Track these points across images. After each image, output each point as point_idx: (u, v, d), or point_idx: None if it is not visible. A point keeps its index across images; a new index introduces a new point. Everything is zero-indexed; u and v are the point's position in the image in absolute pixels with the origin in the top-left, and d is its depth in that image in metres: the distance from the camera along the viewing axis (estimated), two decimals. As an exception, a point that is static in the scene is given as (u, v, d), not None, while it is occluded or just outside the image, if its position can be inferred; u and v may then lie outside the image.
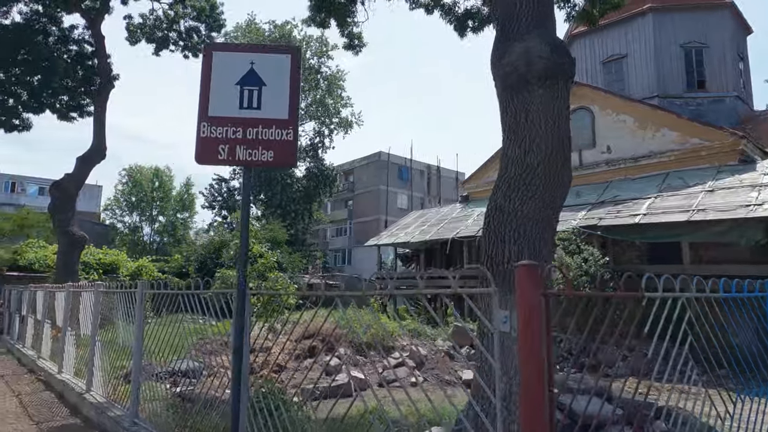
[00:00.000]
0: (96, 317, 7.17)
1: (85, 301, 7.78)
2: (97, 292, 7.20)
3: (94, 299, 7.19)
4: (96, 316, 7.17)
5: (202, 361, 9.63)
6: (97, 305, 7.17)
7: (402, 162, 51.86)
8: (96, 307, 7.18)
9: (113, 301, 6.75)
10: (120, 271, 20.75)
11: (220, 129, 2.73)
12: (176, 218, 52.39)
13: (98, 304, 7.18)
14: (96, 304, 7.17)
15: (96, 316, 7.17)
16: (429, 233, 17.55)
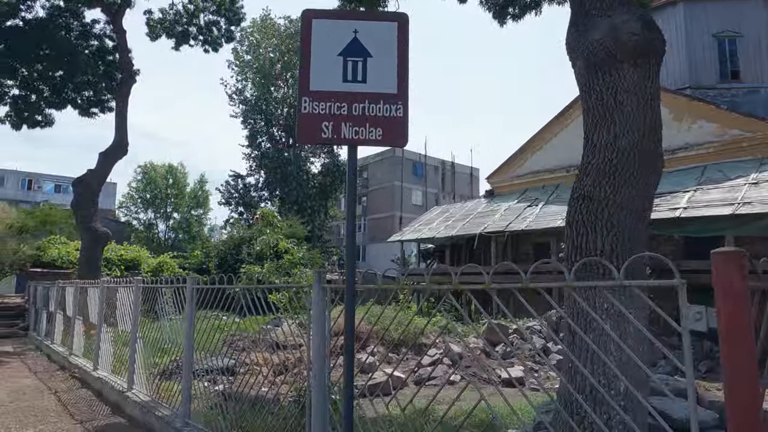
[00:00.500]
0: (136, 314, 6.97)
1: (123, 298, 7.59)
2: (137, 287, 6.99)
3: (134, 295, 6.99)
4: (136, 312, 6.97)
5: (235, 357, 9.43)
6: (137, 301, 6.97)
7: (416, 158, 51.50)
8: (136, 303, 6.97)
9: (155, 297, 6.55)
10: (141, 267, 20.67)
11: (323, 105, 2.46)
12: (190, 215, 52.52)
13: (138, 300, 6.98)
14: (136, 301, 6.97)
15: (136, 312, 6.97)
16: (454, 228, 17.24)
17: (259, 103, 36.79)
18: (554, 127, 17.89)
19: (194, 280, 5.47)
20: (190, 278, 5.45)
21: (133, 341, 6.89)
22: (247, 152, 37.83)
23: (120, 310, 7.74)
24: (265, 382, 8.75)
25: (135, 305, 6.97)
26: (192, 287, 5.37)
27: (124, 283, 7.82)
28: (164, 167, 49.56)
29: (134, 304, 6.98)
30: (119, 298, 7.76)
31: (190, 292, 5.37)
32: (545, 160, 17.85)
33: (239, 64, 38.25)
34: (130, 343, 6.94)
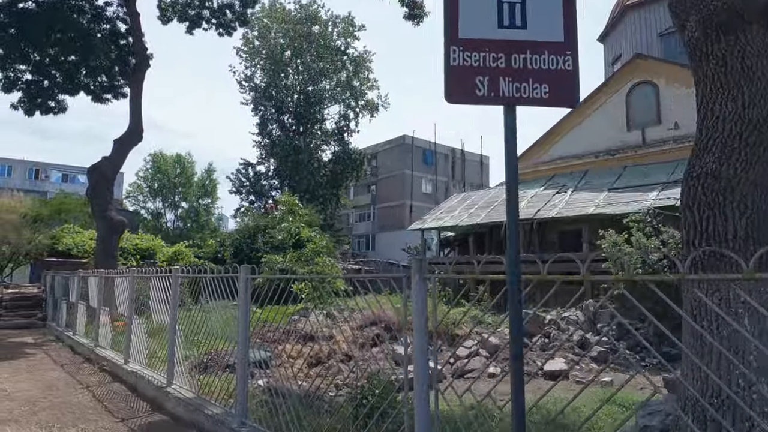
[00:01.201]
0: (175, 305, 6.59)
1: (157, 288, 7.20)
2: (176, 277, 6.60)
3: (173, 286, 6.60)
4: (175, 303, 6.59)
5: (269, 350, 9.09)
6: (176, 292, 6.59)
7: (426, 146, 50.89)
8: (175, 294, 6.59)
9: (195, 287, 6.18)
10: (157, 257, 20.33)
11: (477, 55, 2.01)
12: (198, 204, 52.19)
13: (177, 290, 6.60)
14: (175, 291, 6.58)
15: (175, 303, 6.59)
16: (479, 216, 16.79)
17: (269, 90, 36.23)
18: (582, 111, 17.33)
19: (247, 269, 5.06)
20: (244, 267, 5.04)
21: (173, 333, 6.52)
22: (258, 140, 37.37)
23: (154, 301, 7.36)
24: (310, 377, 8.40)
25: (173, 296, 6.59)
26: (246, 277, 4.96)
27: (155, 272, 7.44)
28: (173, 156, 49.14)
29: (173, 294, 6.60)
30: (153, 289, 7.38)
31: (244, 282, 4.97)
32: (572, 146, 17.34)
33: (248, 50, 37.62)
34: (168, 335, 6.56)
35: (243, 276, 4.98)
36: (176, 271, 6.67)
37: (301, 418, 4.72)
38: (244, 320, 4.94)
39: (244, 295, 4.97)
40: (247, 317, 4.97)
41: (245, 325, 4.96)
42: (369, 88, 38.95)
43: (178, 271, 6.68)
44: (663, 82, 15.29)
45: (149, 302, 7.60)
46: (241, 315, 4.97)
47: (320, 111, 38.52)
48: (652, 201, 12.56)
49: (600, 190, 14.79)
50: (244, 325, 4.95)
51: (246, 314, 4.97)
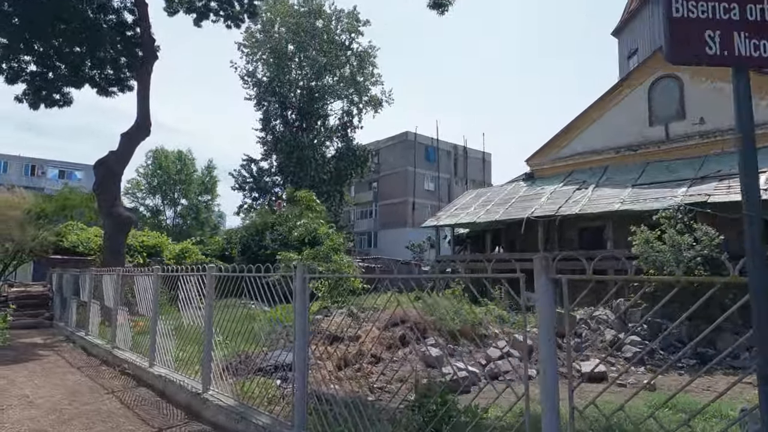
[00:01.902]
0: (210, 304, 6.17)
1: (189, 288, 6.78)
2: (211, 276, 6.18)
3: (208, 285, 6.18)
4: (210, 302, 6.17)
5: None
6: (211, 291, 6.17)
7: (428, 142, 50.46)
8: (210, 293, 6.17)
9: (228, 286, 5.78)
10: (164, 254, 19.86)
11: (704, 5, 1.61)
12: (198, 201, 51.61)
13: (212, 290, 6.19)
14: (210, 291, 6.17)
15: (210, 302, 6.17)
16: (497, 213, 16.41)
17: (272, 85, 35.69)
18: (602, 105, 16.98)
19: (304, 267, 4.66)
20: (302, 266, 4.64)
21: (209, 335, 6.10)
22: (261, 136, 36.83)
23: (183, 300, 6.94)
24: (341, 379, 7.99)
25: (209, 295, 6.17)
26: (305, 277, 4.56)
27: (188, 271, 7.02)
28: (174, 153, 48.52)
29: (208, 294, 6.18)
30: (182, 288, 6.96)
31: (301, 281, 4.56)
32: (592, 141, 16.98)
33: (251, 44, 37.06)
34: (205, 336, 6.14)
35: (300, 275, 4.57)
36: (211, 270, 6.25)
37: (361, 429, 4.33)
38: (302, 321, 4.55)
39: (302, 295, 4.57)
40: (306, 318, 4.58)
41: (304, 327, 4.57)
42: (373, 84, 38.51)
43: (213, 269, 6.27)
44: (688, 76, 14.95)
45: (177, 302, 7.18)
46: (298, 316, 4.58)
47: (324, 107, 38.05)
48: (681, 197, 12.22)
49: (623, 186, 14.44)
50: (302, 327, 4.56)
51: (304, 315, 4.58)
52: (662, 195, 12.96)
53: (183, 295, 6.92)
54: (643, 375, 9.71)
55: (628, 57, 20.91)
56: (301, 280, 4.57)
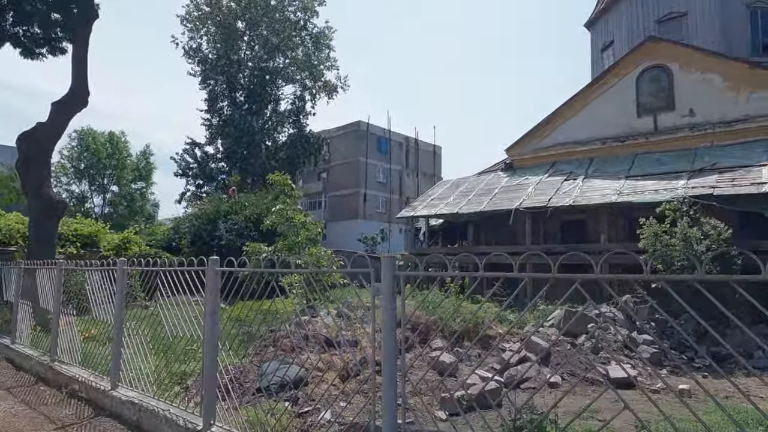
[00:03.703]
0: (214, 308, 4.61)
1: (167, 286, 5.15)
2: (215, 271, 4.61)
3: (211, 283, 4.60)
4: (214, 306, 4.61)
5: (293, 361, 7.32)
6: (215, 294, 4.61)
7: (381, 133, 49.25)
8: (214, 296, 4.60)
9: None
10: (101, 245, 17.36)
11: None
12: (131, 188, 47.45)
13: (217, 293, 4.63)
14: (214, 293, 4.60)
15: (214, 306, 4.61)
16: (481, 204, 15.46)
17: (220, 63, 33.00)
18: (587, 95, 16.43)
19: (390, 262, 3.25)
20: (390, 260, 3.23)
21: (212, 348, 4.54)
22: (206, 118, 34.03)
23: (163, 304, 5.29)
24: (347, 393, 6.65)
25: (212, 300, 4.59)
26: (399, 275, 3.17)
27: (173, 265, 5.37)
28: (104, 135, 44.18)
29: (211, 296, 4.60)
30: (162, 287, 5.30)
31: (390, 279, 3.17)
32: (576, 132, 16.40)
33: (195, 18, 34.06)
34: (205, 352, 4.57)
35: (389, 271, 3.17)
36: (213, 263, 4.66)
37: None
38: (390, 341, 3.16)
39: (391, 294, 3.18)
40: (393, 334, 3.19)
41: (391, 345, 3.18)
42: (328, 68, 36.67)
43: (215, 263, 4.67)
44: (677, 66, 14.63)
45: (154, 301, 5.50)
46: (387, 330, 3.18)
47: (275, 90, 35.79)
48: (684, 190, 11.72)
49: (616, 178, 13.90)
50: (390, 349, 3.17)
51: (391, 329, 3.19)
52: (661, 187, 12.46)
53: (162, 295, 5.27)
54: (666, 378, 9.04)
55: (602, 50, 20.67)
56: (388, 279, 3.16)
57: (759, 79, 13.44)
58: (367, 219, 46.60)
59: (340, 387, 7.53)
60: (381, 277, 3.22)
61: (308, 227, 12.47)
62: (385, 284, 3.16)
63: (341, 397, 6.63)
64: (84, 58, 15.30)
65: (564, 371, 8.93)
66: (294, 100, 36.69)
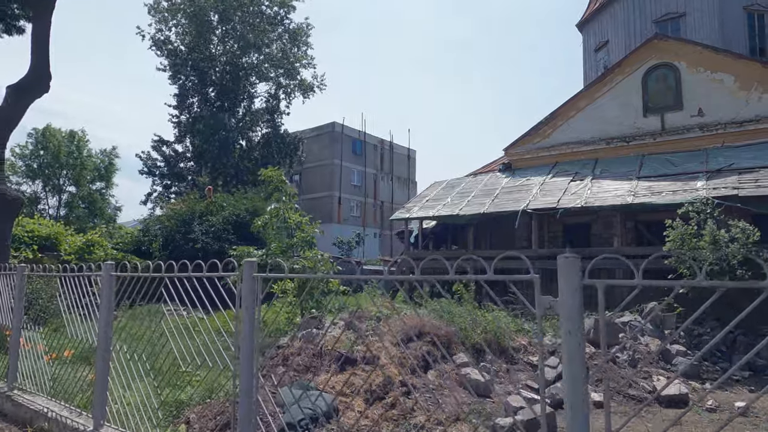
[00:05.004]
0: (252, 332, 3.44)
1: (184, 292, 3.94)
2: (253, 278, 3.45)
3: (247, 289, 3.44)
4: (252, 330, 3.44)
5: (307, 383, 6.24)
6: (252, 298, 3.45)
7: (356, 135, 48.13)
8: (250, 303, 3.44)
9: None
10: (62, 248, 15.58)
11: None
12: (90, 189, 44.57)
13: (256, 296, 3.48)
14: (251, 297, 3.44)
15: (252, 330, 3.44)
16: (483, 205, 14.59)
17: (191, 56, 31.22)
18: (590, 94, 15.84)
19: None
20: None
21: (249, 374, 3.38)
22: (175, 114, 32.12)
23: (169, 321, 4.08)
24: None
25: (249, 307, 3.42)
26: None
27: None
28: (64, 133, 41.33)
29: (245, 302, 3.43)
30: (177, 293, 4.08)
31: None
32: (579, 131, 15.77)
33: (164, 8, 32.14)
34: (242, 374, 3.40)
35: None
36: (250, 266, 3.48)
37: None
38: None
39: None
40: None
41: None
42: (305, 66, 35.32)
43: (252, 266, 3.50)
44: (685, 65, 14.19)
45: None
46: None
47: (248, 87, 34.20)
48: (705, 191, 11.13)
49: (626, 179, 13.28)
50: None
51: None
52: (678, 188, 11.87)
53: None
54: (712, 393, 8.30)
55: (596, 50, 20.28)
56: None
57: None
58: (341, 223, 45.30)
59: (368, 414, 6.40)
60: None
61: (303, 227, 11.27)
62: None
63: (371, 427, 5.56)
64: (46, 38, 13.62)
65: (606, 388, 8.05)
66: (268, 98, 35.20)
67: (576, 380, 2.06)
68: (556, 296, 2.35)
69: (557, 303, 2.17)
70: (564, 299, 2.12)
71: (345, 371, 7.37)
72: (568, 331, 2.08)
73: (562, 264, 2.12)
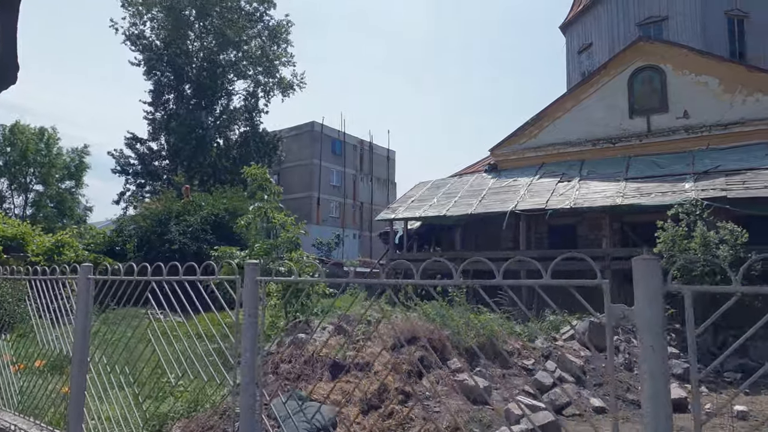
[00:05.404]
0: (256, 335, 3.08)
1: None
2: (254, 281, 3.09)
3: (249, 293, 3.08)
4: (255, 332, 3.07)
5: (302, 393, 5.95)
6: (255, 304, 3.08)
7: (336, 135, 47.65)
8: (253, 309, 3.07)
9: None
10: (29, 249, 14.79)
11: None
12: (58, 188, 42.98)
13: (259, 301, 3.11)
14: (254, 303, 3.07)
15: (255, 332, 3.07)
16: (470, 206, 14.40)
17: (168, 51, 30.33)
18: (576, 96, 15.82)
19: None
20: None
21: (252, 389, 3.02)
22: (150, 110, 31.16)
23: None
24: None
25: (252, 316, 3.05)
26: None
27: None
28: (33, 131, 39.73)
29: (250, 312, 3.06)
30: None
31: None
32: (565, 133, 15.74)
33: (138, 2, 31.17)
34: (243, 389, 3.03)
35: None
36: (252, 269, 3.11)
37: None
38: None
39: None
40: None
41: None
42: (284, 64, 34.73)
43: (254, 270, 3.12)
44: (670, 68, 14.27)
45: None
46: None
47: (226, 84, 33.45)
48: (694, 192, 11.14)
49: (614, 180, 13.25)
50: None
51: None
52: (666, 189, 11.87)
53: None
54: (707, 396, 8.23)
55: (579, 52, 20.36)
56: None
57: (756, 81, 13.25)
58: (320, 224, 44.74)
59: (365, 426, 6.09)
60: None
61: (287, 226, 10.85)
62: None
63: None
64: (13, 26, 12.86)
65: (605, 392, 7.90)
66: (247, 96, 34.50)
67: (661, 408, 1.74)
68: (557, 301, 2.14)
69: (633, 312, 1.88)
70: (642, 308, 1.82)
71: (337, 379, 7.02)
72: (650, 347, 1.77)
73: (639, 266, 1.83)
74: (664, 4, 17.43)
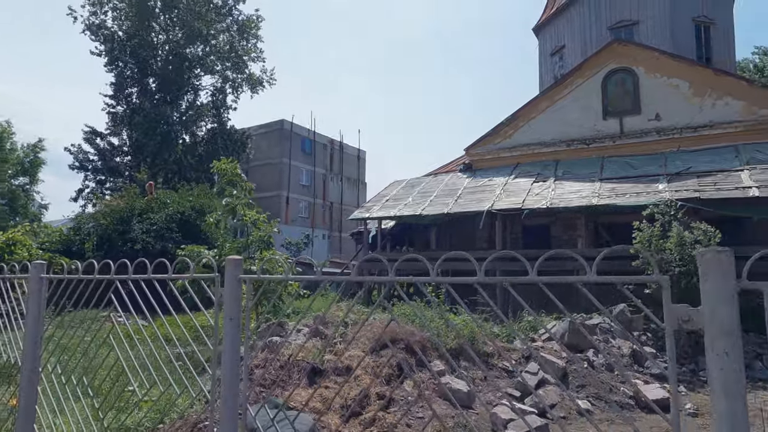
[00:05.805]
0: (238, 341, 2.69)
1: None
2: (236, 279, 2.71)
3: (230, 293, 2.69)
4: (236, 337, 2.70)
5: (278, 400, 5.61)
6: (237, 306, 2.70)
7: (305, 133, 46.93)
8: (235, 312, 2.69)
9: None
10: (-24, 247, 13.80)
11: None
12: (12, 184, 40.79)
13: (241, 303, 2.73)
14: (236, 305, 2.69)
15: (236, 337, 2.70)
16: (446, 205, 14.22)
17: (131, 43, 29.14)
18: (550, 96, 15.86)
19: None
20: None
21: (233, 401, 2.63)
22: (111, 104, 29.88)
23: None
24: None
25: (233, 319, 2.67)
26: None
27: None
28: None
29: (231, 316, 2.67)
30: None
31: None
32: (539, 133, 15.75)
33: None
34: (223, 401, 2.64)
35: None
36: (234, 266, 2.72)
37: None
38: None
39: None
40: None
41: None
42: (253, 60, 33.94)
43: (236, 266, 2.74)
44: (643, 70, 14.46)
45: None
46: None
47: (192, 79, 32.43)
48: (668, 193, 11.25)
49: (589, 180, 13.31)
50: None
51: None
52: (641, 190, 11.96)
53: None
54: (688, 396, 8.22)
55: (552, 54, 20.51)
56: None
57: (724, 86, 13.54)
58: (289, 224, 43.95)
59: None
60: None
61: (260, 224, 10.39)
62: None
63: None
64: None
65: (588, 394, 7.79)
66: (214, 92, 33.54)
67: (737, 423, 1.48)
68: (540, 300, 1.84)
69: (699, 313, 1.61)
70: (713, 309, 1.54)
71: (315, 384, 6.66)
72: (724, 352, 1.51)
73: (710, 260, 1.55)
74: (635, 8, 17.70)
